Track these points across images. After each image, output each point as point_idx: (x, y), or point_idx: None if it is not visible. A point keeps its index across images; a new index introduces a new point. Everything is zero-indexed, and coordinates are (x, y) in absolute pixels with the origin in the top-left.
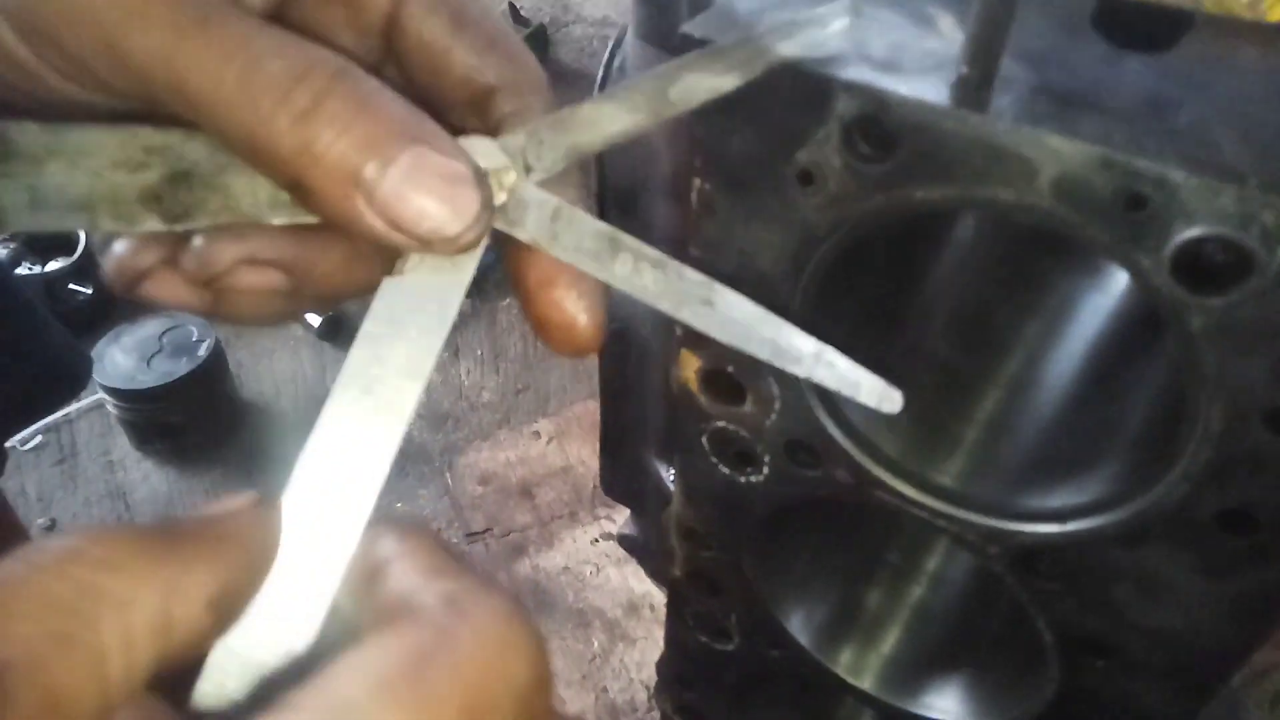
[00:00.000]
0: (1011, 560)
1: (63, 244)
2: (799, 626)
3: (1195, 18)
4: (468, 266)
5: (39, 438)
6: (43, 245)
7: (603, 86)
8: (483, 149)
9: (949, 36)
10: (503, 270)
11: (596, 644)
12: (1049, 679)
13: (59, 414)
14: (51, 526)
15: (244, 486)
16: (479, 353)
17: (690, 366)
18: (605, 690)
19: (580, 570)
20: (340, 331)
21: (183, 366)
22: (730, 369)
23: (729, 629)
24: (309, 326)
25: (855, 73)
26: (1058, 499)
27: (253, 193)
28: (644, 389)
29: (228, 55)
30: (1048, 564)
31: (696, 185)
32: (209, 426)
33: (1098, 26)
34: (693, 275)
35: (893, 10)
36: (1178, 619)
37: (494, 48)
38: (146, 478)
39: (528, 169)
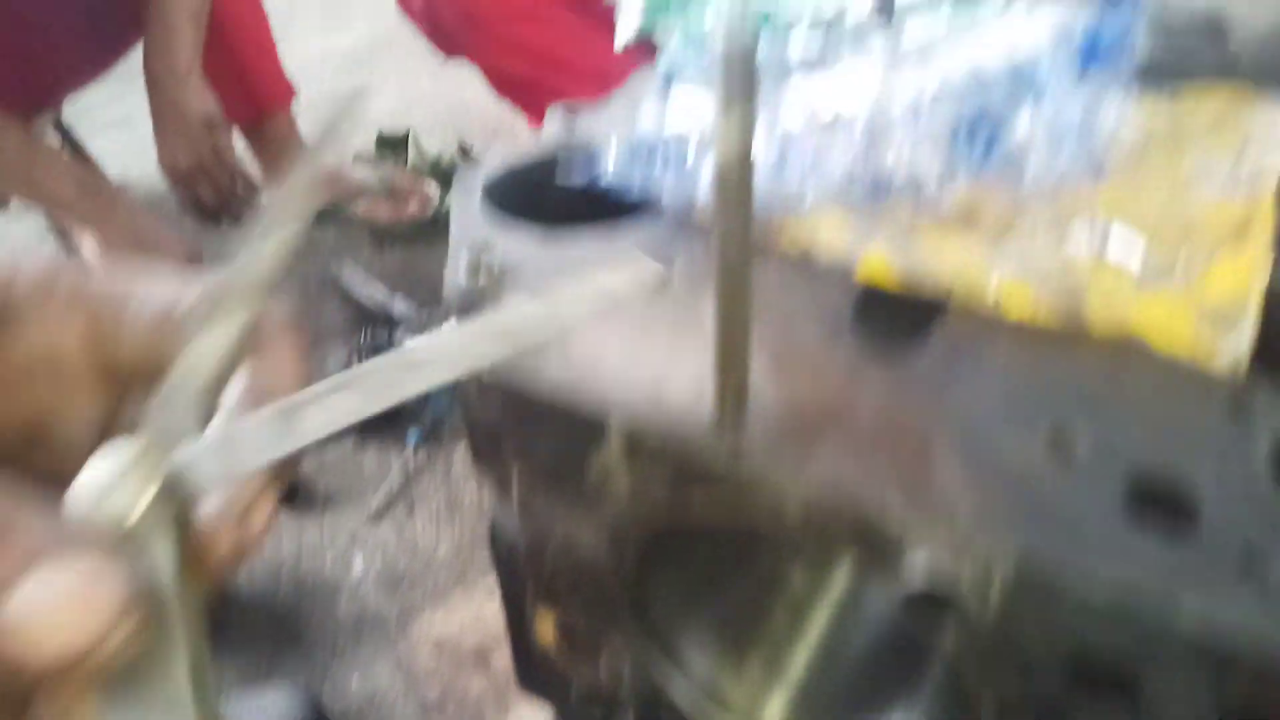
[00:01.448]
0: None
1: None
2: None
3: (947, 309)
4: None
5: None
6: None
7: None
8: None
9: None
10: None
11: None
12: None
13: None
14: None
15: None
16: (434, 506)
17: (546, 621)
18: None
19: None
20: (299, 498)
21: None
22: (581, 627)
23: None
24: None
25: (626, 402)
26: None
27: None
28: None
29: None
30: None
31: (516, 470)
32: None
33: (856, 322)
34: (375, 362)
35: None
36: None
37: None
38: None
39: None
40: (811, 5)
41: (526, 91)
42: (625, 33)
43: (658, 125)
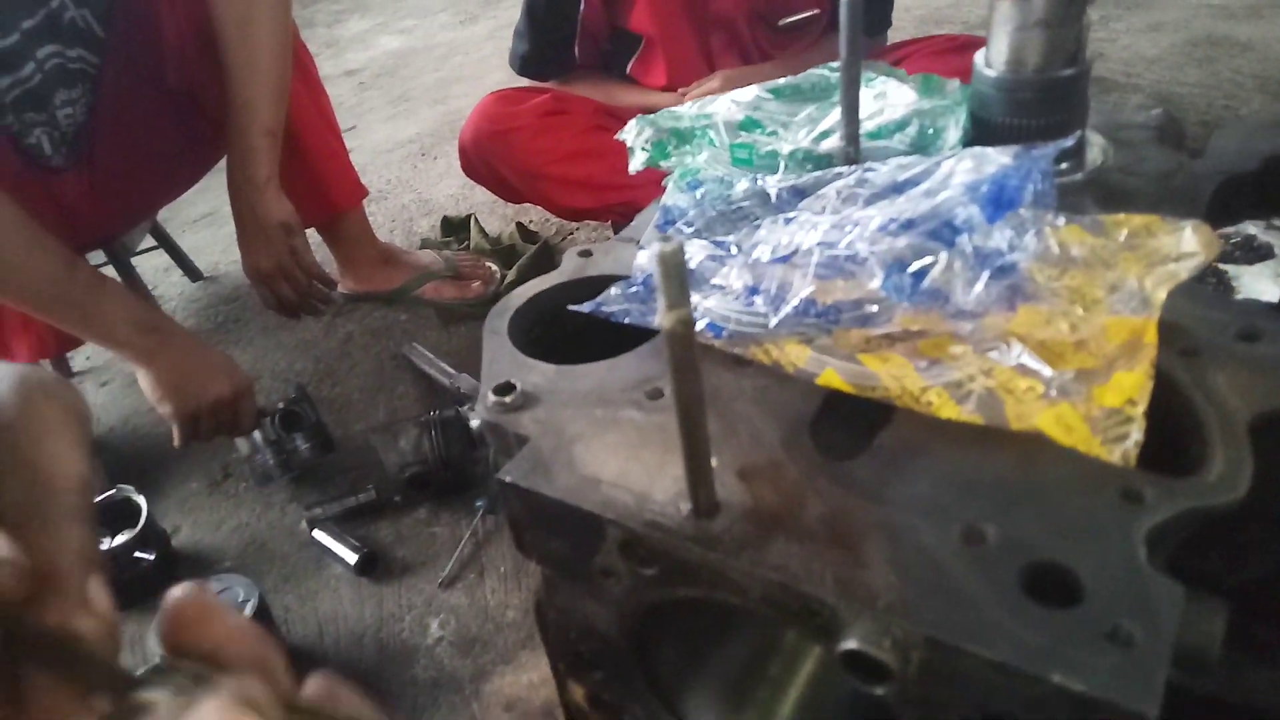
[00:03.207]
0: None
1: (127, 514)
2: None
3: (892, 413)
4: None
5: None
6: (109, 518)
7: None
8: None
9: None
10: None
11: None
12: None
13: None
14: None
15: None
16: (502, 570)
17: (577, 693)
18: None
19: None
20: (376, 566)
21: None
22: (607, 697)
23: None
24: (346, 565)
25: (619, 506)
26: None
27: None
28: None
29: None
30: None
31: (540, 570)
32: None
33: (815, 424)
34: None
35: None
36: None
37: None
38: None
39: None
40: (789, 144)
41: (590, 214)
42: (635, 165)
43: (650, 265)
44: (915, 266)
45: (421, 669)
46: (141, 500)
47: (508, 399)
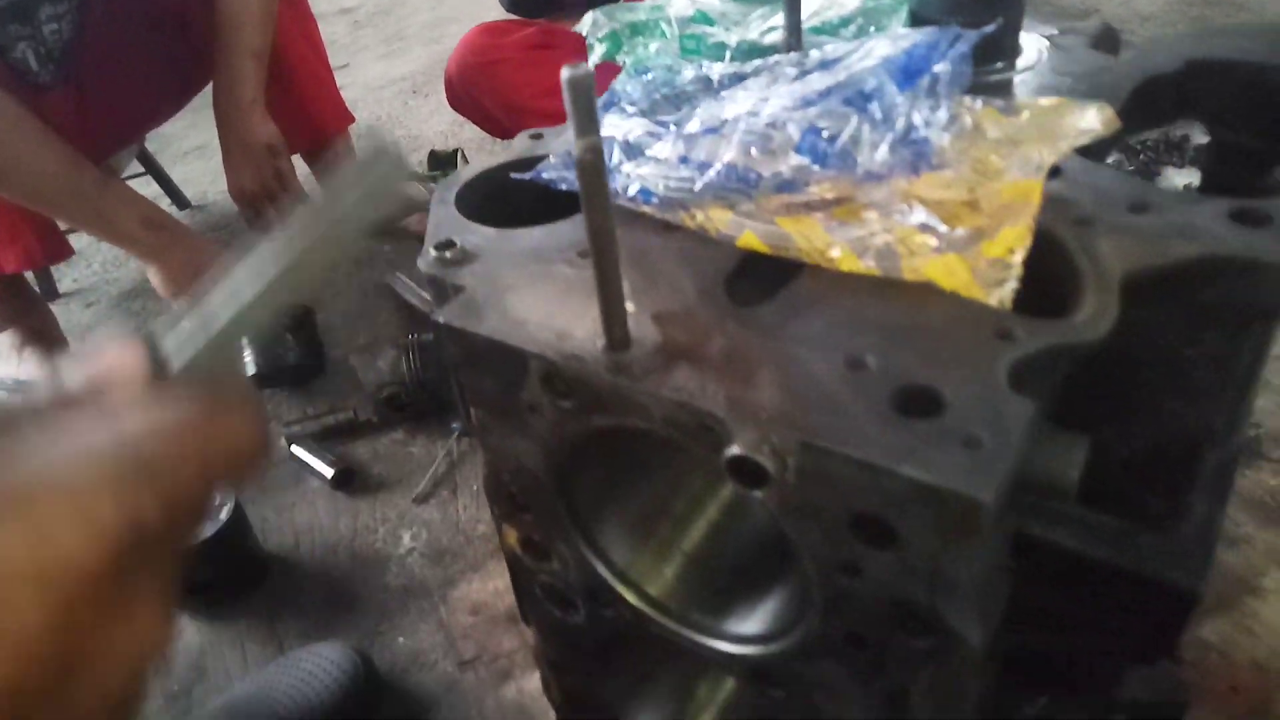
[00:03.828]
0: (749, 675)
1: None
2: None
3: (801, 270)
4: None
5: None
6: None
7: None
8: None
9: None
10: None
11: None
12: None
13: None
14: None
15: (267, 632)
16: (475, 488)
17: (510, 536)
18: None
19: None
20: (352, 482)
21: (206, 530)
22: (536, 537)
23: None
24: (323, 479)
25: (541, 341)
26: (757, 628)
27: None
28: None
29: None
30: (770, 677)
31: (473, 413)
32: (235, 581)
33: (731, 281)
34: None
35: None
36: (857, 715)
37: None
38: (181, 632)
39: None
40: (736, 36)
41: None
42: (593, 60)
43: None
44: (827, 132)
45: (393, 577)
46: None
47: (448, 254)
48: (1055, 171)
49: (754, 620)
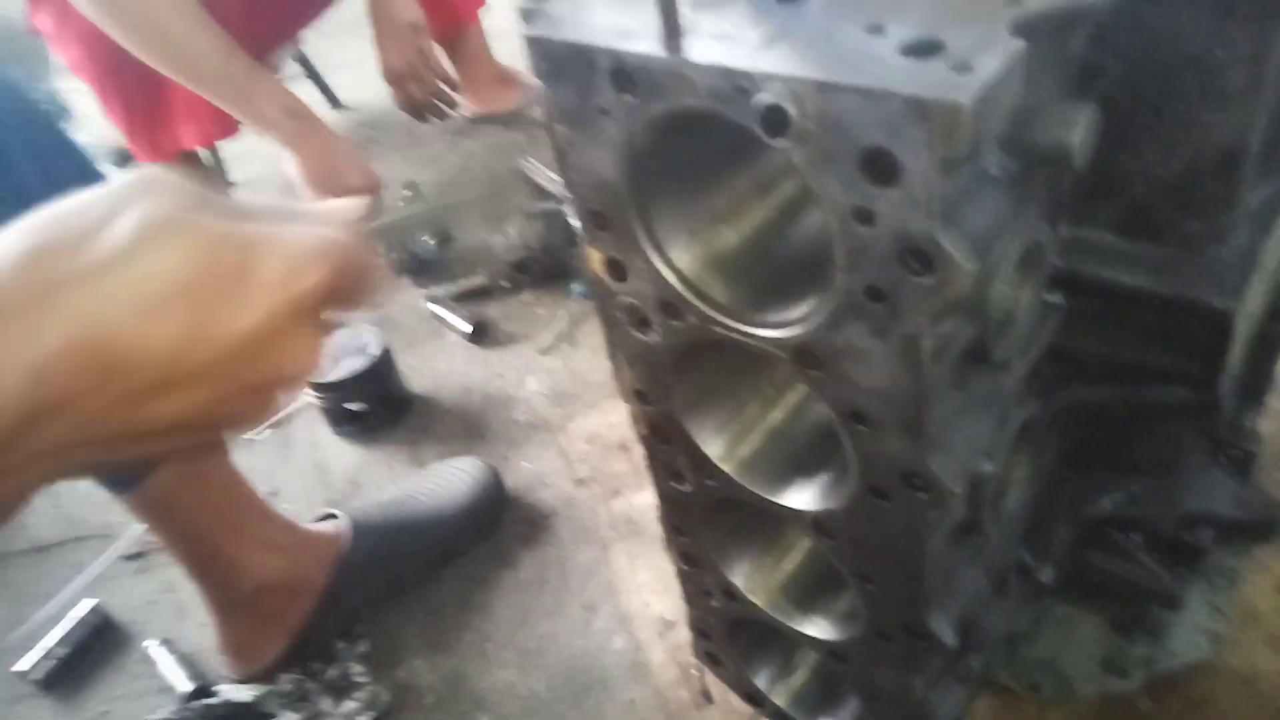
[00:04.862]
0: (793, 356)
1: None
2: (714, 451)
3: None
4: None
5: (266, 431)
6: None
7: None
8: None
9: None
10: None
11: None
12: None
13: (280, 414)
14: (274, 494)
15: (410, 455)
16: (592, 344)
17: (595, 259)
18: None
19: None
20: (486, 336)
21: (361, 363)
22: (617, 254)
23: (683, 472)
24: (460, 333)
25: (606, 41)
26: (797, 311)
27: None
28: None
29: None
30: (809, 357)
31: (557, 130)
32: (385, 412)
33: None
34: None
35: None
36: (882, 376)
37: None
38: (341, 454)
39: None
40: None
41: None
42: None
43: None
44: None
45: (519, 413)
46: None
47: None
48: None
49: (796, 309)
